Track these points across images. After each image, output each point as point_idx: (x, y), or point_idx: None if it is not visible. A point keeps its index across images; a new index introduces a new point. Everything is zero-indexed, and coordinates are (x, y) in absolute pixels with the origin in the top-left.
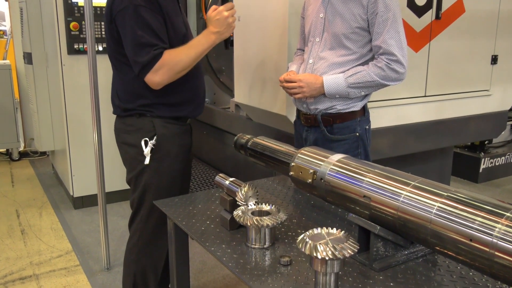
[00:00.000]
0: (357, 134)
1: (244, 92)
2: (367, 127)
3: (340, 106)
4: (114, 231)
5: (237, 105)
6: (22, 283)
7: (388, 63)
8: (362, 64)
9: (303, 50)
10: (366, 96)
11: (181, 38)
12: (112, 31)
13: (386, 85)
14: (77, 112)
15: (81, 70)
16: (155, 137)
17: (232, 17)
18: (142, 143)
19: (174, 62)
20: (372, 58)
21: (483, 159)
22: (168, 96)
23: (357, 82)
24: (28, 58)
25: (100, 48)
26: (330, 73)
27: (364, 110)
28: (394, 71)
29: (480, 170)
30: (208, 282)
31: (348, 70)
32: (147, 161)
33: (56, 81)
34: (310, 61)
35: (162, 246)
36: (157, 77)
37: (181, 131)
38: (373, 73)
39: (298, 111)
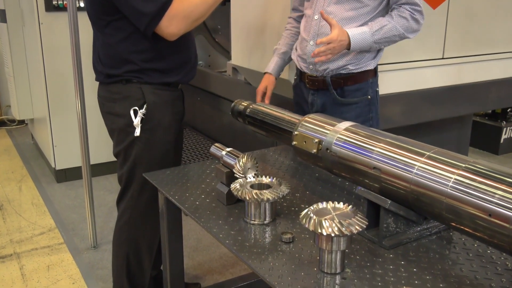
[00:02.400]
0: (369, 97)
1: (243, 53)
2: (377, 89)
3: (352, 66)
4: (100, 207)
5: (235, 68)
6: (2, 262)
7: (412, 13)
8: (374, 18)
9: (300, 11)
10: (379, 52)
11: None
12: None
13: (407, 38)
14: (57, 76)
15: (61, 29)
16: (145, 106)
17: None
18: (131, 112)
19: (189, 9)
20: (384, 10)
21: (505, 129)
22: (158, 61)
23: (383, 37)
24: (1, 15)
25: (82, 4)
26: (346, 27)
27: (375, 70)
28: (416, 21)
29: (501, 141)
30: (204, 261)
31: (369, 22)
32: (137, 132)
33: (34, 42)
34: (316, 17)
35: (156, 224)
36: (172, 27)
37: (173, 98)
38: (399, 25)
39: (301, 73)
